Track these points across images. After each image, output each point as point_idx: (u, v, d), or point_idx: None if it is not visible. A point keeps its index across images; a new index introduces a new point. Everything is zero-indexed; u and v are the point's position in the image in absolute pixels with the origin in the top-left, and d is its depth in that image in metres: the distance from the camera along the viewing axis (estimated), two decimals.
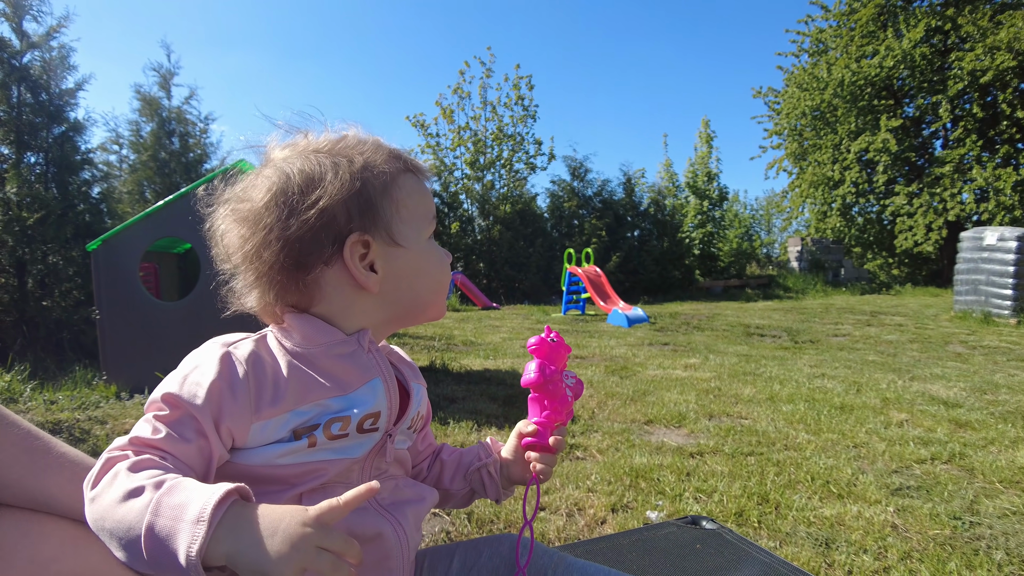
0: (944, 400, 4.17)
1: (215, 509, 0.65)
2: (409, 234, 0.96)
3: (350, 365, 0.91)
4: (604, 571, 1.07)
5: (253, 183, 0.93)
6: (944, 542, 2.13)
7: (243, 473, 0.85)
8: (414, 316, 1.02)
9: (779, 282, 18.08)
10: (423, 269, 0.98)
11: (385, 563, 0.91)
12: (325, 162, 0.91)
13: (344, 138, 0.97)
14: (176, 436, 0.79)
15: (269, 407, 0.84)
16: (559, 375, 1.05)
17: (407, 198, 0.96)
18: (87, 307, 5.68)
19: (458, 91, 17.81)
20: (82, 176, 6.42)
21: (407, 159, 1.00)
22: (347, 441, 0.89)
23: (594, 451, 3.12)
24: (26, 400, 4.12)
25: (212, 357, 0.85)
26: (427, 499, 1.02)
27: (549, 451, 1.05)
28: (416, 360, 5.81)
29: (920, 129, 19.12)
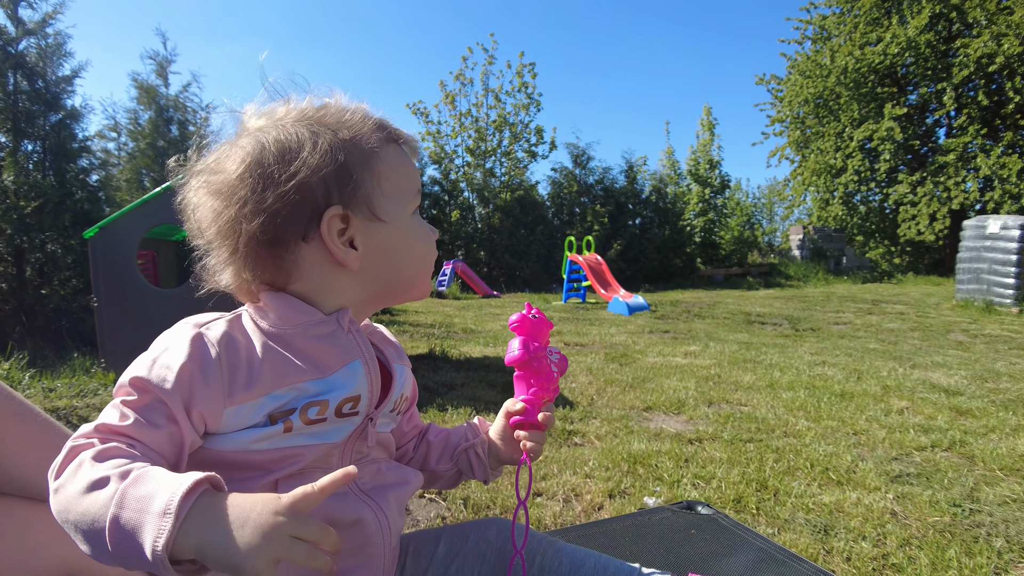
0: (945, 388, 4.15)
1: (182, 500, 0.62)
2: (392, 209, 0.92)
3: (328, 346, 0.87)
4: (594, 556, 1.06)
5: (227, 153, 0.89)
6: (943, 529, 2.12)
7: (216, 459, 0.82)
8: (397, 294, 0.98)
9: (780, 270, 18.03)
10: (406, 245, 0.94)
11: (366, 549, 0.89)
12: (303, 132, 0.87)
13: (325, 106, 0.93)
14: (144, 422, 0.76)
15: (243, 391, 0.81)
16: (543, 351, 1.03)
17: (390, 171, 0.92)
18: (86, 295, 5.67)
19: (460, 77, 17.74)
20: (80, 164, 6.39)
21: (392, 129, 0.96)
22: (325, 426, 0.86)
23: (592, 437, 3.11)
24: (25, 388, 4.11)
25: (183, 339, 0.81)
26: (411, 482, 1.00)
27: (538, 428, 1.03)
28: (415, 347, 5.81)
29: (924, 117, 19.00)
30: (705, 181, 19.94)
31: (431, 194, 17.22)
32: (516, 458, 1.07)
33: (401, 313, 9.22)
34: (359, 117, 0.92)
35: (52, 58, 6.12)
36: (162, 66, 9.16)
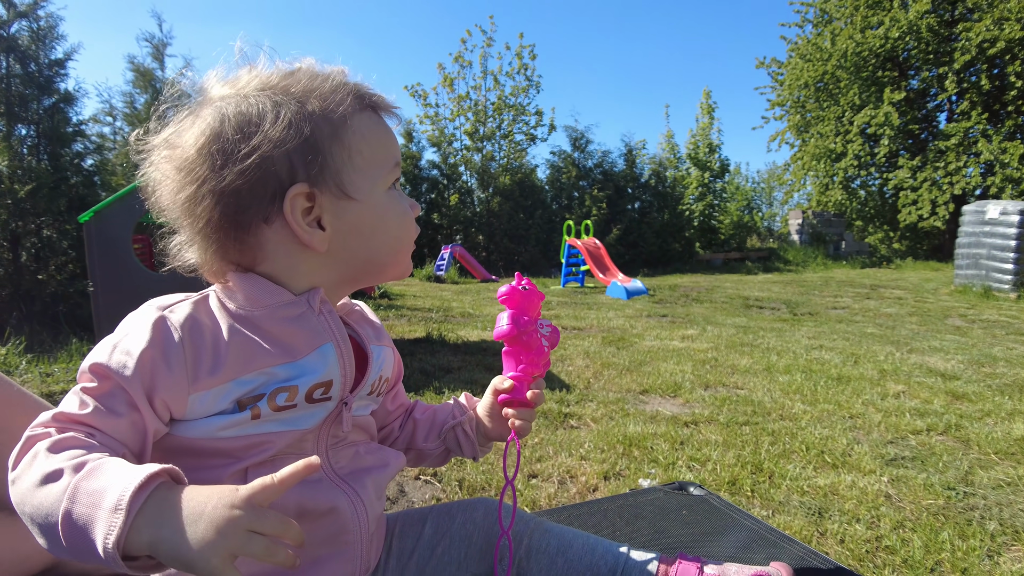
0: (942, 372, 4.16)
1: (134, 496, 0.59)
2: (363, 184, 0.85)
3: (298, 329, 0.83)
4: (582, 536, 1.05)
5: (186, 126, 0.83)
6: (937, 512, 2.13)
7: (184, 446, 0.79)
8: (372, 275, 0.93)
9: (779, 255, 18.01)
10: (379, 224, 0.88)
11: (341, 537, 0.87)
12: (266, 103, 0.81)
13: (295, 73, 0.86)
14: (104, 410, 0.72)
15: (208, 376, 0.77)
16: (533, 325, 0.99)
17: (362, 142, 0.85)
18: (82, 280, 5.66)
19: (459, 59, 17.61)
20: (74, 148, 6.34)
21: (368, 94, 0.88)
22: (295, 412, 0.82)
23: (588, 420, 3.11)
24: (22, 373, 4.11)
25: (145, 323, 0.77)
26: (391, 464, 0.97)
27: (527, 406, 1.00)
28: (413, 331, 5.81)
29: (924, 102, 18.88)
30: (704, 165, 19.87)
31: (429, 178, 17.15)
32: (504, 435, 1.05)
33: (399, 297, 9.21)
34: (330, 84, 0.85)
35: (44, 41, 6.05)
36: (158, 49, 9.07)
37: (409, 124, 17.25)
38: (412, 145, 17.17)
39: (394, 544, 1.02)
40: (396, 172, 0.91)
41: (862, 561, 1.81)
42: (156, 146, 0.85)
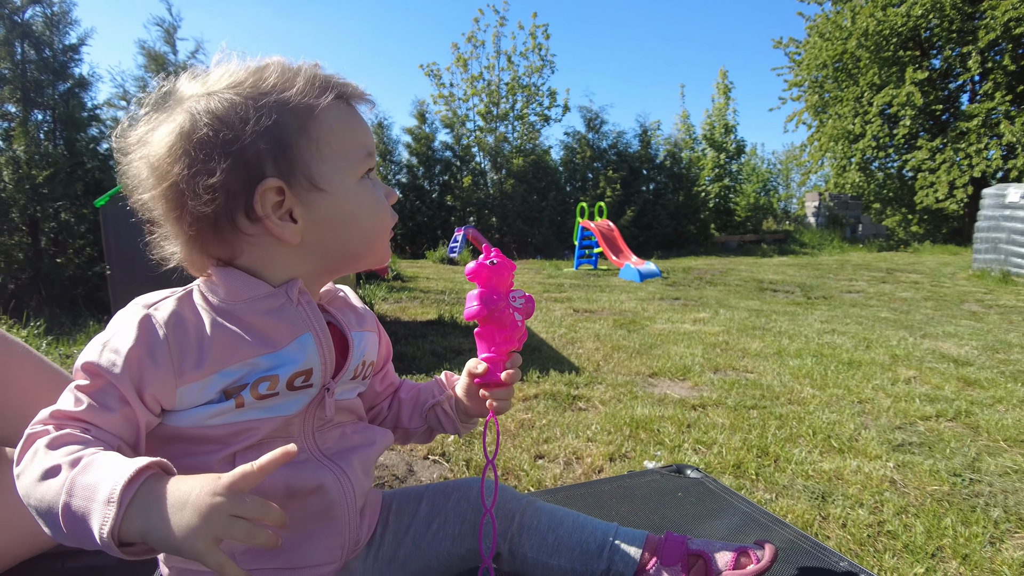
0: (954, 358, 4.13)
1: (124, 489, 0.64)
2: (332, 176, 0.86)
3: (277, 320, 0.86)
4: (572, 514, 1.08)
5: (157, 125, 0.85)
6: (942, 498, 2.13)
7: (176, 434, 0.84)
8: (349, 265, 0.95)
9: (795, 238, 17.85)
10: (352, 215, 0.89)
11: (329, 512, 0.90)
12: (235, 100, 0.82)
13: (263, 68, 0.86)
14: (98, 406, 0.77)
15: (193, 370, 0.81)
16: (505, 300, 0.97)
17: (330, 134, 0.86)
18: (100, 263, 5.74)
19: (472, 39, 17.50)
20: (90, 133, 6.40)
21: (336, 83, 0.89)
22: (277, 400, 0.86)
23: (596, 402, 3.13)
24: (42, 354, 4.19)
25: (131, 321, 0.81)
26: (377, 442, 1.00)
27: (503, 386, 1.01)
28: (425, 313, 5.85)
29: (947, 82, 18.49)
30: (720, 146, 19.67)
31: (443, 159, 17.12)
32: (484, 413, 1.06)
33: (412, 279, 9.26)
34: (301, 78, 0.86)
35: (58, 26, 6.09)
36: (169, 33, 9.09)
37: (423, 105, 17.21)
38: (425, 126, 17.13)
39: (391, 520, 1.06)
40: (368, 162, 0.91)
41: (863, 546, 1.83)
42: (131, 144, 0.87)
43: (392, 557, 1.03)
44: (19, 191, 5.76)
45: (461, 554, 1.05)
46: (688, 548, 1.03)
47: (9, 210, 5.81)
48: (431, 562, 1.04)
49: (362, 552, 1.01)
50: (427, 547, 1.04)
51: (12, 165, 5.77)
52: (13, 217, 5.85)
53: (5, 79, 5.84)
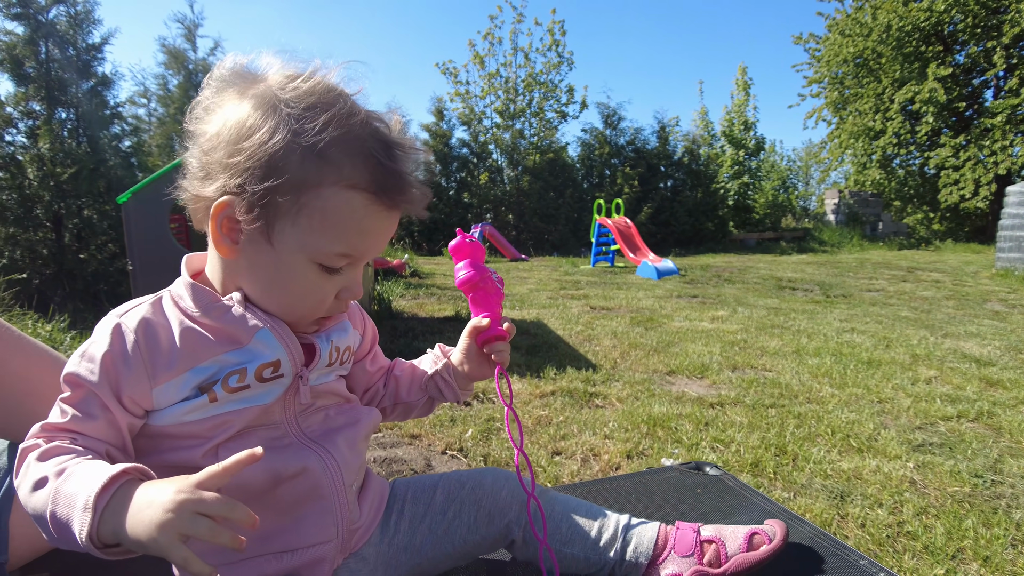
0: (977, 358, 4.08)
1: (98, 496, 0.69)
2: (290, 242, 0.85)
3: (232, 324, 0.89)
4: (586, 505, 1.11)
5: (221, 103, 0.88)
6: (963, 499, 2.11)
7: (159, 433, 0.88)
8: (273, 309, 0.92)
9: (814, 235, 17.68)
10: (279, 282, 0.88)
11: (316, 492, 0.93)
12: (275, 119, 0.80)
13: (331, 96, 0.83)
14: (82, 415, 0.82)
15: (165, 371, 0.85)
16: (488, 271, 1.08)
17: (318, 213, 0.83)
18: (122, 259, 5.82)
19: (489, 36, 17.50)
20: (112, 130, 6.49)
21: (373, 175, 0.83)
22: (249, 392, 0.89)
23: (613, 399, 3.13)
24: (66, 349, 4.26)
25: (104, 330, 0.86)
26: (362, 421, 1.03)
27: (503, 338, 1.08)
28: (442, 309, 5.87)
29: (970, 78, 18.21)
30: (739, 143, 19.53)
31: (459, 157, 17.15)
32: (485, 374, 1.12)
33: (429, 276, 9.29)
34: (348, 138, 0.82)
35: (82, 25, 6.17)
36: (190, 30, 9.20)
37: (440, 102, 17.26)
38: (443, 123, 17.17)
39: (407, 508, 1.10)
40: (337, 261, 0.87)
41: (882, 546, 1.81)
42: (193, 108, 0.91)
43: (408, 544, 1.07)
44: (43, 188, 5.85)
45: (476, 541, 1.09)
46: (700, 536, 1.07)
47: (34, 207, 5.90)
48: (447, 548, 1.07)
49: (375, 538, 1.04)
50: (443, 534, 1.08)
51: (37, 162, 5.86)
52: (38, 214, 5.95)
53: (30, 78, 5.93)
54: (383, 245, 0.92)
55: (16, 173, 5.86)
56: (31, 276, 5.79)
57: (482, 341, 1.09)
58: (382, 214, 0.86)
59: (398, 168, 0.85)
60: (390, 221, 0.88)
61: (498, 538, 1.10)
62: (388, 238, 0.91)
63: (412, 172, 0.87)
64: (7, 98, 5.94)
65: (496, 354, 1.09)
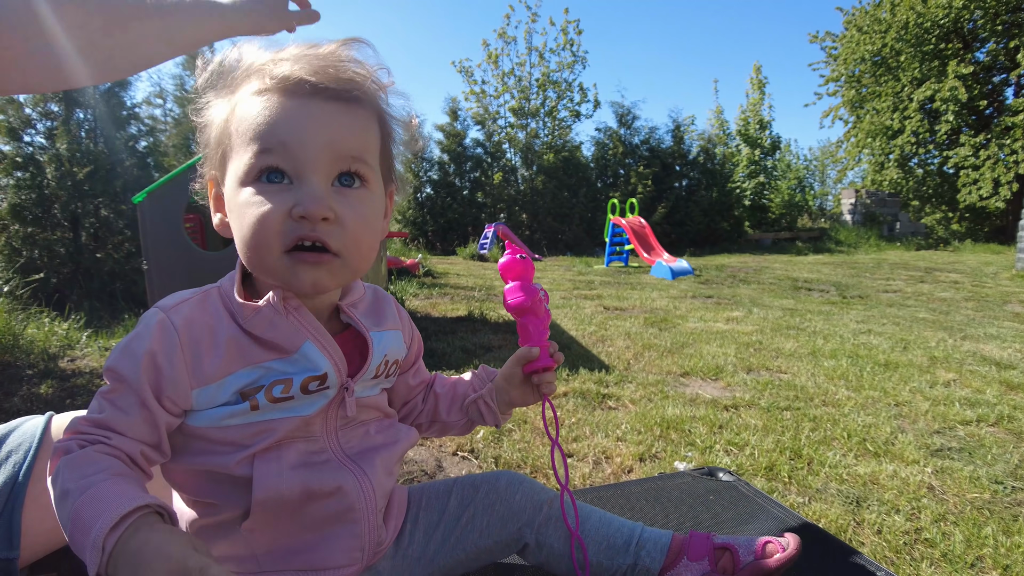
0: (997, 361, 4.02)
1: (107, 537, 0.65)
2: (229, 172, 0.84)
3: (276, 332, 0.85)
4: (598, 511, 1.10)
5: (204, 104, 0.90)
6: (982, 506, 2.07)
7: (195, 436, 0.85)
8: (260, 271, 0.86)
9: (831, 235, 17.51)
10: (234, 219, 0.84)
11: (348, 515, 0.90)
12: (223, 88, 0.86)
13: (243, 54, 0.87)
14: (119, 411, 0.79)
15: (208, 372, 0.82)
16: (539, 293, 1.04)
17: (241, 123, 0.81)
18: (138, 258, 5.87)
19: (503, 36, 17.51)
20: (128, 131, 6.54)
21: (277, 72, 0.80)
22: (292, 403, 0.85)
23: (626, 401, 3.11)
24: (83, 347, 4.30)
25: (149, 325, 0.82)
26: (401, 441, 1.00)
27: (551, 368, 1.06)
28: (455, 310, 5.87)
29: (990, 75, 17.95)
30: (755, 142, 19.41)
31: (474, 156, 17.16)
32: (528, 401, 1.09)
33: (443, 276, 9.29)
34: (256, 63, 0.83)
35: None
36: None
37: (454, 102, 17.28)
38: (457, 123, 17.19)
39: (420, 516, 1.07)
40: (262, 160, 0.79)
41: (899, 553, 1.78)
42: None
43: (421, 554, 1.04)
44: (61, 188, 5.91)
45: (488, 546, 1.06)
46: (713, 543, 1.05)
47: (52, 206, 5.97)
48: (458, 555, 1.05)
49: (390, 550, 1.02)
50: (455, 541, 1.05)
51: (55, 162, 5.92)
52: (55, 213, 6.01)
53: None
54: (319, 137, 0.79)
55: (35, 173, 5.92)
56: (48, 275, 5.85)
57: (529, 370, 1.06)
58: (285, 102, 0.79)
59: (296, 56, 0.81)
60: (304, 109, 0.79)
61: (510, 543, 1.08)
62: (323, 129, 0.79)
63: (312, 54, 0.82)
64: (26, 99, 6.01)
65: (544, 385, 1.06)
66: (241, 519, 0.85)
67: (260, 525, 0.85)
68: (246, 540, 0.86)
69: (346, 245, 0.81)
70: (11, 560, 1.05)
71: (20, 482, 1.10)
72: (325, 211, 0.78)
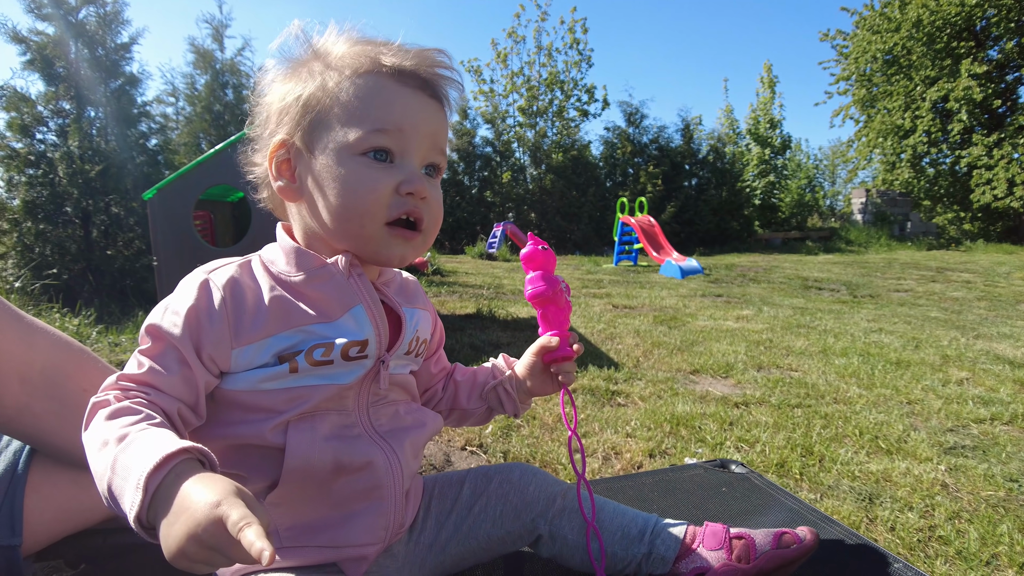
0: (1010, 360, 3.97)
1: (150, 476, 0.64)
2: (328, 143, 0.87)
3: (329, 293, 0.88)
4: (612, 503, 1.10)
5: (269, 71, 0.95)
6: (997, 504, 2.04)
7: (230, 401, 0.86)
8: (339, 238, 0.90)
9: (841, 235, 17.41)
10: (335, 180, 0.86)
11: (376, 492, 0.91)
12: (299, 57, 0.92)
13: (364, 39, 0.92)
14: (159, 368, 0.80)
15: (248, 332, 0.84)
16: (559, 283, 1.04)
17: (354, 100, 0.86)
18: (148, 255, 5.89)
19: (512, 35, 17.51)
20: (139, 129, 6.58)
21: (392, 62, 0.87)
22: (332, 368, 0.87)
23: (636, 398, 3.09)
24: (93, 343, 4.32)
25: (192, 285, 0.84)
26: (428, 425, 1.01)
27: (570, 358, 1.06)
28: (464, 307, 5.86)
29: (1004, 74, 17.78)
30: (765, 141, 19.31)
31: (483, 155, 17.16)
32: (548, 390, 1.10)
33: (451, 274, 9.29)
34: (368, 47, 0.89)
35: (111, 26, 6.26)
36: (218, 30, 9.29)
37: (463, 101, 17.29)
38: (466, 122, 17.20)
39: (433, 504, 1.08)
40: (374, 139, 0.85)
41: (913, 550, 1.76)
42: None
43: (433, 541, 1.05)
44: (73, 185, 5.94)
45: (500, 536, 1.07)
46: (729, 533, 1.04)
47: (63, 204, 6.00)
48: (470, 544, 1.06)
49: (404, 536, 1.02)
50: (468, 530, 1.06)
51: (66, 160, 5.95)
52: (67, 210, 6.05)
53: (60, 77, 6.02)
54: (425, 128, 0.89)
55: (47, 170, 5.96)
56: (60, 272, 5.89)
57: (549, 360, 1.07)
58: (400, 89, 0.87)
59: (402, 49, 0.89)
60: (416, 100, 0.88)
61: (523, 534, 1.08)
62: (428, 121, 0.89)
63: (419, 52, 0.90)
64: (38, 97, 6.05)
65: (563, 375, 1.07)
66: (267, 492, 0.86)
67: (286, 498, 0.86)
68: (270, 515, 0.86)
69: (430, 225, 0.92)
70: (14, 547, 1.06)
71: (20, 472, 1.10)
72: (426, 191, 0.88)
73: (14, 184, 5.95)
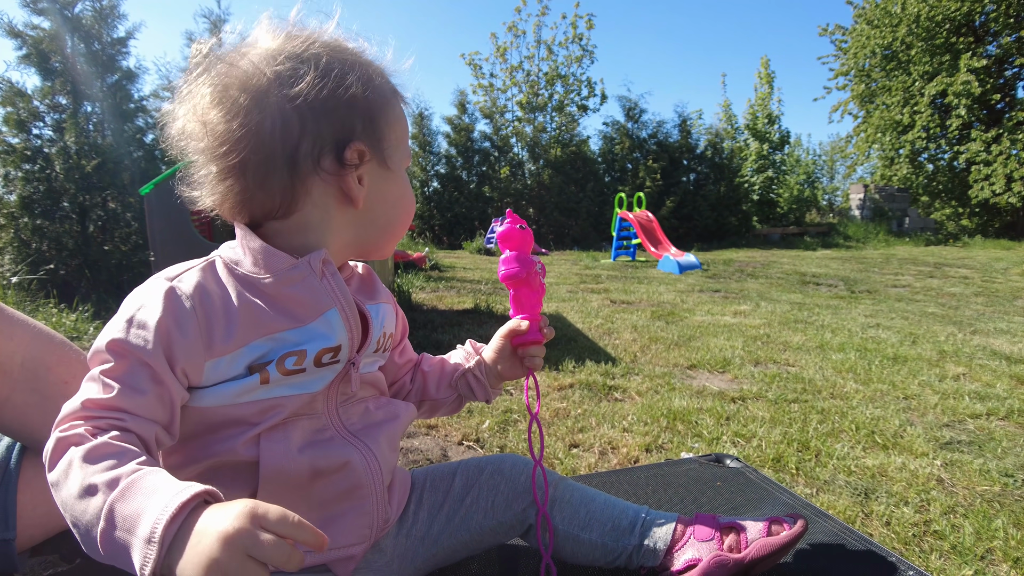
0: (1007, 355, 3.98)
1: (166, 529, 0.59)
2: (396, 159, 0.93)
3: (301, 295, 0.84)
4: (603, 495, 1.09)
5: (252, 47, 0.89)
6: (992, 499, 2.05)
7: (199, 420, 0.81)
8: (380, 245, 0.96)
9: (839, 230, 17.40)
10: (400, 198, 0.95)
11: (356, 491, 0.90)
12: (346, 59, 0.88)
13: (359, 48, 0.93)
14: (130, 389, 0.73)
15: (221, 343, 0.79)
16: (533, 264, 1.02)
17: (396, 123, 0.92)
18: (145, 250, 5.87)
19: (513, 29, 17.44)
20: (136, 124, 6.55)
21: (396, 86, 0.96)
22: (304, 376, 0.84)
23: (633, 393, 3.09)
24: (89, 339, 4.32)
25: (156, 294, 0.78)
26: (401, 417, 1.00)
27: (539, 342, 1.06)
28: (461, 303, 5.86)
29: (1002, 69, 17.76)
30: (764, 136, 19.27)
31: (481, 150, 17.11)
32: (517, 373, 1.09)
33: (449, 269, 9.28)
34: (383, 67, 0.93)
35: (107, 20, 6.22)
36: (216, 25, 9.24)
37: (462, 95, 17.25)
38: (465, 116, 17.15)
39: (425, 497, 1.07)
40: (409, 160, 0.98)
41: (908, 545, 1.76)
42: (209, 61, 0.90)
43: (425, 534, 1.04)
44: (69, 180, 5.92)
45: (492, 527, 1.06)
46: (720, 523, 1.05)
47: (60, 199, 5.98)
48: (462, 536, 1.05)
49: (393, 529, 1.02)
50: (460, 521, 1.05)
51: (63, 155, 5.93)
52: (64, 205, 6.03)
53: (56, 72, 6.00)
54: None
55: (44, 165, 5.94)
56: (56, 267, 5.87)
57: (517, 343, 1.06)
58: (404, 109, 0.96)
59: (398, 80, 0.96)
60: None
61: (515, 524, 1.08)
62: None
63: None
64: (34, 92, 6.02)
65: (529, 359, 1.06)
66: None
67: None
68: None
69: None
70: (8, 541, 1.06)
71: (12, 467, 1.10)
72: None
73: (10, 179, 5.92)
